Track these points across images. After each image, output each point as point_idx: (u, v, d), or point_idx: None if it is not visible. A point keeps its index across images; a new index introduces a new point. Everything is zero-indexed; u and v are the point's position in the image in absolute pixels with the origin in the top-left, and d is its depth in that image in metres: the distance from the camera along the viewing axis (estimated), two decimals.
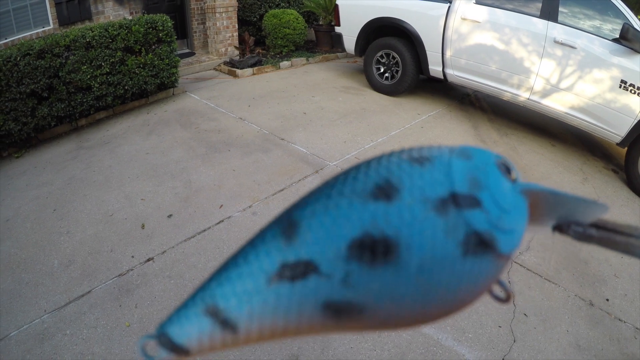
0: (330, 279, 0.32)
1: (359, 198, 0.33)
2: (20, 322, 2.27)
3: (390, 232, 0.32)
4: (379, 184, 0.34)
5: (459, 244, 0.32)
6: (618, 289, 2.75)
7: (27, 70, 3.91)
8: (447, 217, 0.32)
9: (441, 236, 0.32)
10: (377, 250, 0.31)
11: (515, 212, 0.35)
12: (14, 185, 3.58)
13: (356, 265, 0.31)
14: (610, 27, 4.11)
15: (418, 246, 0.31)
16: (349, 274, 0.32)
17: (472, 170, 0.35)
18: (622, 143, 4.10)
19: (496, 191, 0.34)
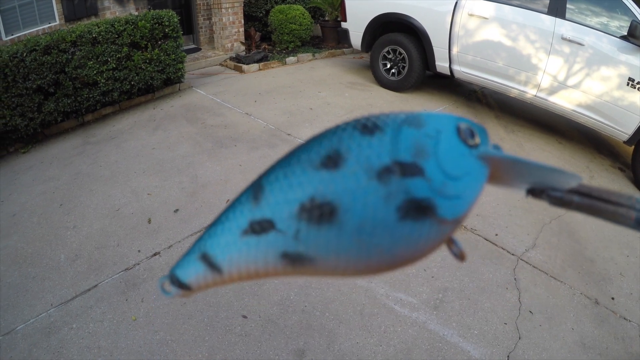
0: (285, 234, 0.37)
1: (311, 166, 0.37)
2: (26, 316, 2.29)
3: (332, 198, 0.35)
4: (329, 154, 0.37)
5: (397, 209, 0.35)
6: (624, 288, 2.74)
7: (33, 66, 3.92)
8: (388, 184, 0.35)
9: (380, 202, 0.35)
10: (320, 212, 0.36)
11: (466, 178, 0.37)
12: (21, 180, 3.60)
13: (304, 224, 0.36)
14: (618, 24, 4.07)
15: (357, 210, 0.35)
16: (299, 231, 0.37)
17: (420, 138, 0.36)
18: (629, 141, 4.07)
19: (444, 158, 0.36)
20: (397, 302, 2.45)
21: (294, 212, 0.37)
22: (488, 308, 2.46)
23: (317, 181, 0.36)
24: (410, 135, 0.37)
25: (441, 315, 2.39)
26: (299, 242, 0.37)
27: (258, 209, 0.39)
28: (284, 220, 0.37)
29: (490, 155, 0.38)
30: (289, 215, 0.37)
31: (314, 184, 0.36)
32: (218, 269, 0.41)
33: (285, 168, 0.39)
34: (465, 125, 0.39)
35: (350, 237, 0.35)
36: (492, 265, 2.79)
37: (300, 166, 0.38)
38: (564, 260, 2.91)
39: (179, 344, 2.16)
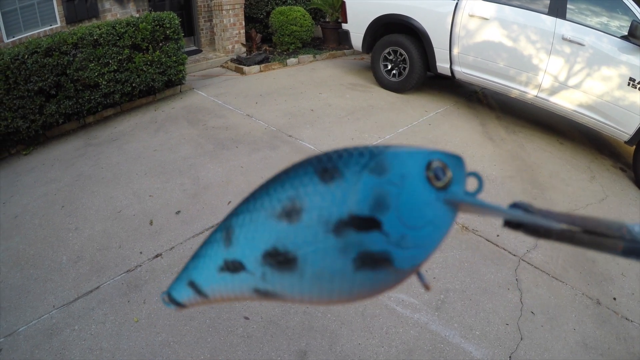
0: (254, 275, 0.40)
1: (272, 215, 0.39)
2: (29, 317, 2.30)
3: (290, 249, 0.38)
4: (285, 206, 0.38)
5: (352, 261, 0.36)
6: (625, 288, 2.74)
7: (34, 68, 3.93)
8: (344, 237, 0.36)
9: (336, 254, 0.36)
10: (281, 260, 0.38)
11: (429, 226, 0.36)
12: (23, 182, 3.60)
13: (268, 268, 0.39)
14: (618, 24, 4.07)
15: (315, 261, 0.37)
16: (265, 274, 0.40)
17: (382, 186, 0.36)
18: (630, 141, 4.07)
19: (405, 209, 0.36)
20: (399, 303, 2.45)
21: (259, 257, 0.40)
22: (490, 309, 2.46)
23: (277, 231, 0.38)
24: (371, 184, 0.36)
25: (443, 316, 2.39)
26: (266, 282, 0.40)
27: (230, 249, 0.42)
28: (252, 263, 0.40)
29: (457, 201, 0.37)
30: (255, 260, 0.40)
31: (275, 233, 0.38)
32: (204, 294, 0.46)
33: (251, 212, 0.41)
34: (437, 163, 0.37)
35: (310, 283, 0.38)
36: (494, 266, 2.79)
37: (264, 213, 0.40)
38: (565, 260, 2.91)
39: (181, 345, 2.16)
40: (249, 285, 0.41)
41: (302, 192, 0.38)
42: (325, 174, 0.38)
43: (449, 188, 0.37)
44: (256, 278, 0.40)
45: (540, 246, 3.01)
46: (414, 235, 0.36)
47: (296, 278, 0.38)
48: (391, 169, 0.36)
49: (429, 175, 0.36)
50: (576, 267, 2.86)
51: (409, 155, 0.37)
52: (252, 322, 2.29)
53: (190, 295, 0.47)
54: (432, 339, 2.25)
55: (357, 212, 0.36)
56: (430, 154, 0.37)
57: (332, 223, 0.36)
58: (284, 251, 0.38)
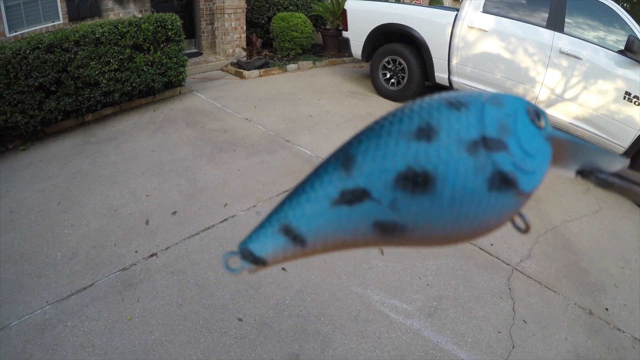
0: (380, 203, 0.38)
1: (404, 138, 0.39)
2: (21, 312, 2.29)
3: (429, 168, 0.37)
4: (421, 126, 0.39)
5: (486, 181, 0.37)
6: (618, 299, 2.76)
7: (36, 63, 3.94)
8: (478, 157, 0.37)
9: (471, 173, 0.37)
10: (418, 181, 0.37)
11: (539, 155, 0.40)
12: (19, 177, 3.60)
13: (401, 193, 0.38)
14: (615, 38, 4.13)
15: (451, 180, 0.37)
16: (395, 200, 0.38)
17: (502, 116, 0.39)
18: (625, 154, 4.10)
19: (522, 136, 0.39)
20: (392, 309, 2.46)
21: (390, 181, 0.38)
22: (482, 316, 2.47)
23: (413, 151, 0.38)
24: (493, 113, 0.39)
25: (435, 323, 2.40)
26: (395, 210, 0.38)
27: (350, 179, 0.39)
28: (380, 190, 0.38)
29: (555, 136, 0.42)
30: (385, 185, 0.38)
31: (410, 154, 0.38)
32: (302, 240, 0.41)
33: (376, 139, 0.40)
34: (532, 108, 0.42)
35: (444, 206, 0.37)
36: (487, 274, 2.80)
37: (393, 137, 0.39)
38: (558, 270, 2.93)
39: (173, 344, 2.16)
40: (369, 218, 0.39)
41: (436, 115, 0.39)
42: (451, 105, 0.40)
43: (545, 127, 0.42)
44: (383, 207, 0.38)
45: (533, 256, 3.03)
46: (531, 160, 0.39)
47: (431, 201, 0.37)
48: (506, 104, 0.40)
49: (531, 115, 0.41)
50: (569, 277, 2.88)
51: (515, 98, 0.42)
52: (245, 324, 2.29)
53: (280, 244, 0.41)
54: (425, 345, 2.26)
55: (487, 134, 0.38)
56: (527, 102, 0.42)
57: (465, 143, 0.38)
58: (422, 171, 0.37)
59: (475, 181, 0.37)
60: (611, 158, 0.42)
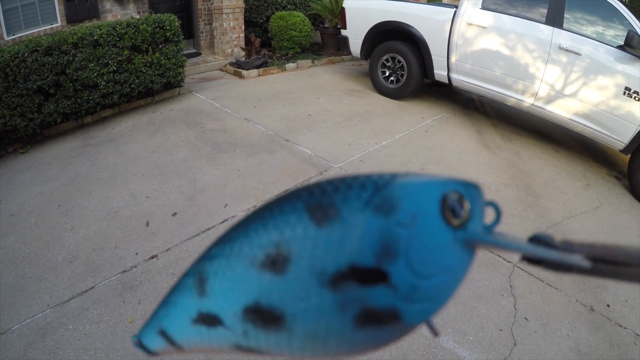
0: (234, 331, 0.35)
1: (253, 264, 0.33)
2: (22, 316, 2.29)
3: (277, 305, 0.32)
4: (268, 253, 0.33)
5: (352, 319, 0.31)
6: (619, 295, 2.75)
7: (34, 66, 3.94)
8: (342, 292, 0.30)
9: (332, 312, 0.31)
10: (266, 318, 0.32)
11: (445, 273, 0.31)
12: (19, 180, 3.60)
13: (251, 325, 0.33)
14: (615, 34, 4.11)
15: (307, 319, 0.31)
16: (247, 331, 0.34)
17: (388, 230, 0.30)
18: (625, 150, 4.10)
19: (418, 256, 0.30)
20: None
21: (239, 313, 0.34)
22: (483, 314, 2.47)
23: (260, 284, 0.32)
24: (376, 226, 0.30)
25: (437, 321, 2.37)
26: (249, 339, 0.34)
27: (204, 301, 0.36)
28: (231, 319, 0.34)
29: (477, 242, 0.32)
30: (235, 315, 0.34)
31: (257, 286, 0.33)
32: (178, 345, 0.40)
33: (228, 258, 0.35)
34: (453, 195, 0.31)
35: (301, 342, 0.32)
36: (488, 272, 2.80)
37: (243, 260, 0.34)
38: None
39: None
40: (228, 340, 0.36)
41: (288, 235, 0.32)
42: (318, 212, 0.32)
43: (467, 225, 0.31)
44: (237, 334, 0.34)
45: None
46: (427, 285, 0.30)
47: (284, 337, 0.32)
48: (400, 206, 0.31)
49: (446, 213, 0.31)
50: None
51: (421, 188, 0.31)
52: None
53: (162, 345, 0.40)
54: (426, 344, 2.26)
55: (359, 262, 0.30)
56: (445, 184, 0.32)
57: (327, 275, 0.30)
58: (268, 307, 0.32)
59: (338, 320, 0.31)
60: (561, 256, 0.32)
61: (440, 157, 4.25)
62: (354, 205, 0.31)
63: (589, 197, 3.92)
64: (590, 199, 3.87)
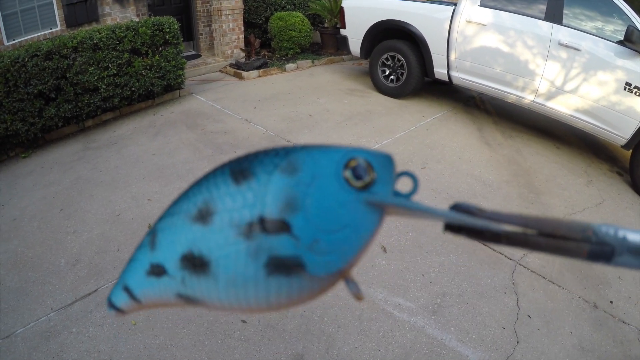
0: (174, 279, 0.39)
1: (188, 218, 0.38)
2: (26, 319, 2.30)
3: (204, 252, 0.37)
4: (200, 208, 0.38)
5: (263, 266, 0.34)
6: (622, 292, 2.75)
7: (34, 71, 3.95)
8: (253, 241, 0.34)
9: (247, 259, 0.35)
10: (196, 264, 0.37)
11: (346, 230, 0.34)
12: (21, 184, 3.61)
13: (187, 272, 0.38)
14: (614, 29, 4.10)
15: (227, 265, 0.35)
16: (184, 278, 0.38)
17: (292, 187, 0.34)
18: (626, 145, 4.09)
19: (317, 211, 0.34)
20: (396, 307, 2.46)
21: (177, 261, 0.38)
22: (486, 312, 2.47)
23: (192, 235, 0.37)
24: (281, 184, 0.35)
25: (439, 320, 2.40)
26: (186, 287, 0.39)
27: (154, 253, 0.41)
28: (172, 268, 0.39)
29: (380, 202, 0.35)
30: (175, 264, 0.39)
31: (190, 237, 0.38)
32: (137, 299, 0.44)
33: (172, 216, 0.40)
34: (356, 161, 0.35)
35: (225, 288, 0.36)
36: (490, 270, 2.80)
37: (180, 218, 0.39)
38: (562, 264, 2.92)
39: (178, 348, 2.16)
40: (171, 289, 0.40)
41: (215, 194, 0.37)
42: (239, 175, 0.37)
43: (371, 188, 0.34)
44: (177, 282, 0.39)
45: None
46: (329, 239, 0.34)
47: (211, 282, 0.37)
48: (303, 169, 0.35)
49: (346, 175, 0.34)
50: (573, 270, 2.87)
51: (323, 154, 0.36)
52: (249, 326, 2.30)
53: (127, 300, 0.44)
54: (429, 343, 2.26)
55: (266, 214, 0.34)
56: (350, 152, 0.35)
57: (242, 226, 0.35)
58: (198, 255, 0.37)
59: (252, 267, 0.35)
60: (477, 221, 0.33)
61: (441, 155, 4.25)
62: (267, 168, 0.36)
63: (590, 193, 3.91)
64: (592, 195, 3.87)
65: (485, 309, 2.49)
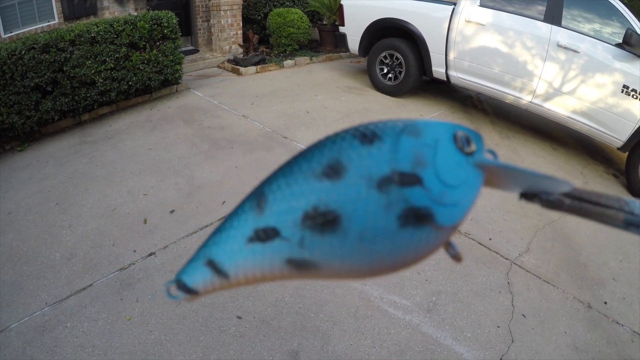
0: (290, 241, 0.39)
1: (311, 176, 0.39)
2: (21, 314, 2.29)
3: (335, 207, 0.37)
4: (329, 164, 0.39)
5: (397, 218, 0.36)
6: (616, 293, 2.76)
7: (31, 64, 3.92)
8: (388, 194, 0.37)
9: (381, 210, 0.36)
10: (323, 221, 0.37)
11: (463, 186, 0.39)
12: (17, 178, 3.59)
13: (308, 232, 0.38)
14: (613, 31, 4.12)
15: (358, 219, 0.37)
16: (303, 238, 0.38)
17: (419, 147, 0.38)
18: (623, 148, 4.11)
19: (442, 167, 0.38)
20: (391, 305, 2.46)
21: (297, 220, 0.38)
22: (481, 311, 2.48)
23: (319, 190, 0.38)
24: (409, 144, 0.38)
25: (435, 318, 2.40)
26: (304, 248, 0.38)
27: (262, 217, 0.40)
28: (288, 228, 0.39)
29: (484, 164, 0.40)
30: (293, 224, 0.38)
31: (317, 193, 0.38)
32: (225, 274, 0.42)
33: (287, 177, 0.40)
34: (461, 133, 0.40)
35: (353, 244, 0.37)
36: (486, 269, 2.81)
37: (302, 175, 0.39)
38: (557, 264, 2.93)
39: (173, 344, 2.16)
40: (282, 255, 0.40)
41: (345, 152, 0.39)
42: (365, 138, 0.39)
43: (474, 154, 0.40)
44: (292, 245, 0.39)
45: (532, 250, 3.03)
46: (451, 193, 0.38)
47: (339, 239, 0.37)
48: (425, 133, 0.39)
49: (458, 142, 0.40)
50: (567, 271, 2.88)
51: (438, 125, 0.40)
52: (244, 322, 2.30)
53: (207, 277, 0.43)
54: (424, 341, 2.26)
55: (399, 168, 0.37)
56: (456, 126, 0.41)
57: (375, 179, 0.37)
58: (326, 210, 0.37)
59: (385, 219, 0.36)
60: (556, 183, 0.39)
61: None
62: (393, 132, 0.39)
63: None
64: None
65: (480, 307, 2.50)
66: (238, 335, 2.22)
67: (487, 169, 0.40)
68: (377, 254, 0.38)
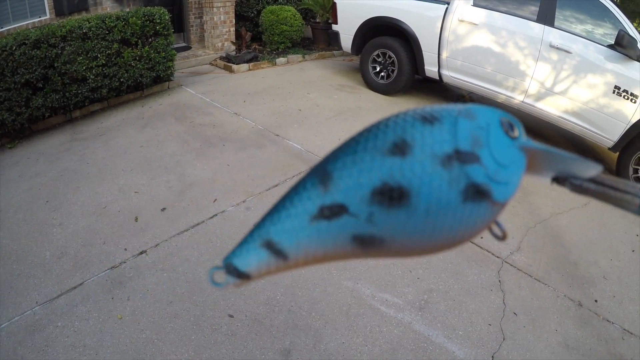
0: (358, 217, 0.40)
1: (379, 153, 0.40)
2: (11, 313, 2.27)
3: (403, 182, 0.39)
4: (395, 142, 0.40)
5: (460, 193, 0.39)
6: (607, 291, 2.79)
7: (22, 60, 3.88)
8: (451, 170, 0.39)
9: (445, 186, 0.39)
10: (393, 196, 0.39)
11: (512, 166, 0.42)
12: (7, 175, 3.56)
13: (377, 207, 0.39)
14: (605, 32, 4.14)
15: (426, 194, 0.38)
16: (372, 214, 0.39)
17: (475, 129, 0.41)
18: (614, 148, 4.14)
19: (495, 148, 0.41)
20: (383, 303, 2.47)
21: (366, 196, 0.39)
22: (473, 309, 2.49)
23: (388, 166, 0.39)
24: (466, 126, 0.41)
25: (426, 316, 2.41)
26: (372, 224, 0.40)
27: (328, 195, 0.41)
28: (357, 204, 0.40)
29: (529, 147, 0.43)
30: (362, 200, 0.40)
31: (385, 169, 0.39)
32: (284, 255, 0.42)
33: (352, 155, 0.41)
34: (506, 119, 0.43)
35: (420, 219, 0.39)
36: (477, 267, 2.82)
37: (369, 154, 0.41)
38: (548, 263, 2.95)
39: (165, 342, 2.15)
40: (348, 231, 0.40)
41: (409, 131, 0.41)
42: (425, 119, 0.41)
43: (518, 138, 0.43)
44: (360, 221, 0.40)
45: (523, 249, 3.05)
46: (504, 171, 0.40)
47: (407, 214, 0.39)
48: (478, 117, 0.42)
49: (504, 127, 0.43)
50: (558, 269, 2.90)
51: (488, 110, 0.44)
52: (236, 320, 2.29)
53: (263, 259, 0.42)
54: (416, 339, 2.27)
55: (460, 147, 0.39)
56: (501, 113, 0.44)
57: (439, 157, 0.39)
58: (396, 185, 0.39)
59: (449, 194, 0.39)
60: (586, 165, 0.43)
61: None
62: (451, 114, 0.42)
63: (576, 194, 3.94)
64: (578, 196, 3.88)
65: (472, 305, 2.51)
66: (230, 334, 2.21)
67: (529, 151, 0.43)
68: (440, 229, 0.39)
